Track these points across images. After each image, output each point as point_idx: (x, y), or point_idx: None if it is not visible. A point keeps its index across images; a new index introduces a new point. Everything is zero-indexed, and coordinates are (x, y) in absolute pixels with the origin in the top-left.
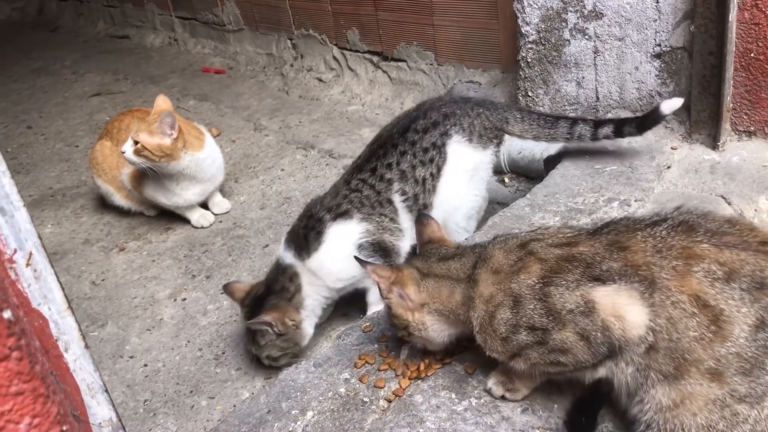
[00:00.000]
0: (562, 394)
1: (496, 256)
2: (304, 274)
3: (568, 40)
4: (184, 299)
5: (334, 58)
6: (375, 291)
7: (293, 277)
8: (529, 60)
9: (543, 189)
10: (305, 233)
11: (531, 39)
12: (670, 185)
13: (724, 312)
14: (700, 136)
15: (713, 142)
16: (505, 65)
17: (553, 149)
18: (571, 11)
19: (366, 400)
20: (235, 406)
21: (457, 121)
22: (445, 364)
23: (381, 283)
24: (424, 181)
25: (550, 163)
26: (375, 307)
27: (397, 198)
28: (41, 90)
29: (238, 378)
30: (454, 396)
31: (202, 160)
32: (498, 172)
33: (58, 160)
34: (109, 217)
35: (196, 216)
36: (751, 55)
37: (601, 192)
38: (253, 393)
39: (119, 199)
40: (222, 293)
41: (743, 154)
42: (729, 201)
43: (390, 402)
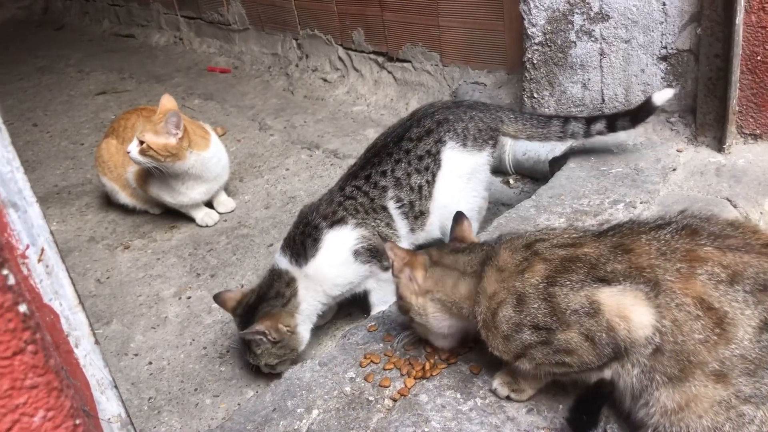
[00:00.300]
0: (567, 395)
1: (502, 255)
2: (301, 280)
3: (574, 42)
4: (189, 297)
5: (339, 59)
6: (378, 292)
7: (290, 282)
8: (534, 61)
9: (548, 190)
10: (302, 240)
11: (537, 41)
12: (675, 187)
13: (728, 314)
14: (706, 138)
15: (719, 145)
16: (510, 67)
17: (558, 150)
18: (577, 13)
19: (371, 399)
20: (239, 404)
21: (450, 127)
22: (451, 364)
23: (396, 261)
24: (420, 188)
25: (555, 165)
26: (379, 307)
27: (391, 205)
28: (47, 88)
29: (242, 376)
30: (459, 396)
31: (207, 159)
32: (503, 173)
33: (63, 157)
34: (114, 215)
35: (201, 215)
36: (758, 58)
37: (606, 194)
38: (257, 392)
39: (124, 198)
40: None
41: (749, 157)
42: (735, 204)
43: (395, 401)
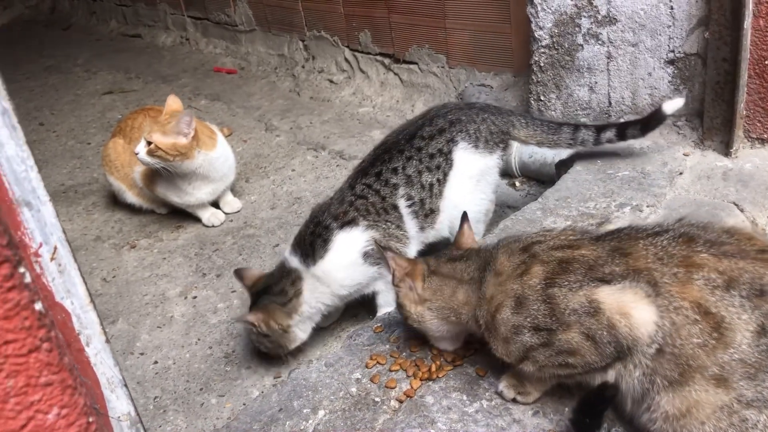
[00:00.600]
0: (573, 398)
1: (499, 259)
2: (307, 280)
3: (582, 45)
4: (195, 297)
5: (346, 60)
6: (385, 294)
7: (295, 281)
8: (541, 64)
9: (555, 193)
10: (311, 240)
11: (544, 43)
12: (682, 191)
13: (726, 319)
14: (713, 142)
15: (726, 149)
16: (517, 69)
17: (564, 153)
18: (584, 16)
19: (377, 400)
20: (245, 404)
21: (463, 127)
22: (457, 365)
23: (397, 271)
24: (431, 186)
25: (562, 167)
26: (385, 309)
27: (402, 203)
28: (53, 87)
29: (248, 376)
30: (465, 398)
31: (215, 159)
32: (509, 175)
33: (70, 157)
34: (120, 215)
35: (207, 215)
36: (766, 62)
37: (612, 197)
38: (262, 392)
39: (131, 197)
40: (233, 291)
41: (756, 162)
42: (741, 208)
43: (401, 402)
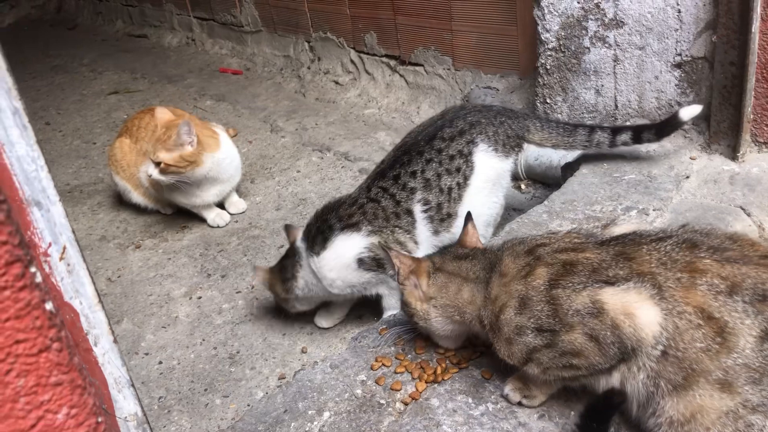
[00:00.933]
0: (579, 402)
1: (504, 261)
2: (304, 269)
3: (588, 48)
4: (200, 298)
5: (351, 62)
6: (389, 298)
7: (296, 265)
8: (548, 67)
9: (561, 196)
10: (315, 234)
11: (551, 46)
12: (688, 195)
13: (729, 324)
14: (720, 146)
15: (733, 153)
16: (523, 71)
17: (570, 156)
18: (591, 19)
19: (382, 402)
20: (249, 405)
21: (482, 129)
22: (462, 368)
23: (402, 268)
24: (450, 190)
25: (568, 170)
26: (390, 311)
27: (417, 208)
28: (59, 87)
29: (252, 377)
30: (470, 400)
31: (221, 160)
32: (514, 178)
33: (75, 156)
34: (125, 215)
35: (213, 215)
36: None
37: (619, 200)
38: (267, 393)
39: (137, 197)
40: (238, 292)
41: (763, 166)
42: (748, 212)
43: (406, 405)
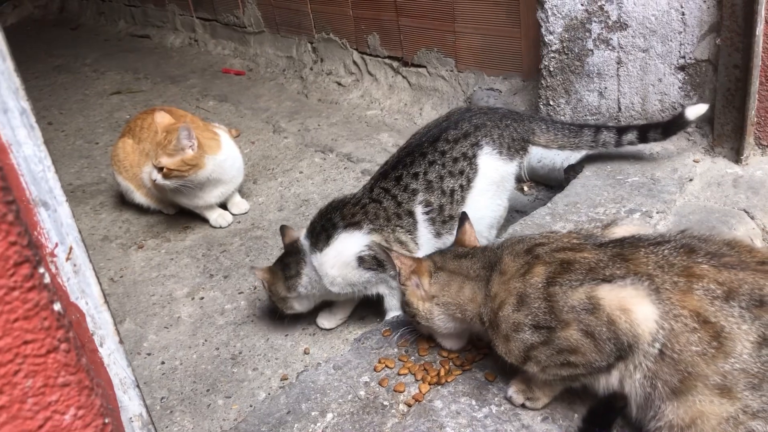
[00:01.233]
0: (582, 404)
1: (504, 260)
2: (307, 266)
3: (592, 50)
4: (202, 298)
5: (354, 63)
6: (391, 298)
7: (299, 262)
8: (551, 69)
9: (564, 198)
10: (319, 231)
11: (554, 48)
12: (692, 198)
13: (725, 329)
14: (723, 149)
15: (736, 156)
16: (526, 73)
17: (573, 158)
18: (595, 21)
19: (386, 403)
20: (251, 406)
21: (488, 132)
22: (466, 370)
23: (403, 269)
24: (452, 192)
25: (571, 172)
26: (393, 312)
27: (419, 209)
28: (62, 87)
29: (254, 378)
30: (474, 402)
31: (223, 161)
32: (517, 180)
33: (78, 156)
34: (128, 215)
35: (215, 216)
36: None
37: (622, 203)
38: (269, 393)
39: (139, 197)
40: (240, 293)
41: (766, 169)
42: (752, 215)
43: (410, 406)
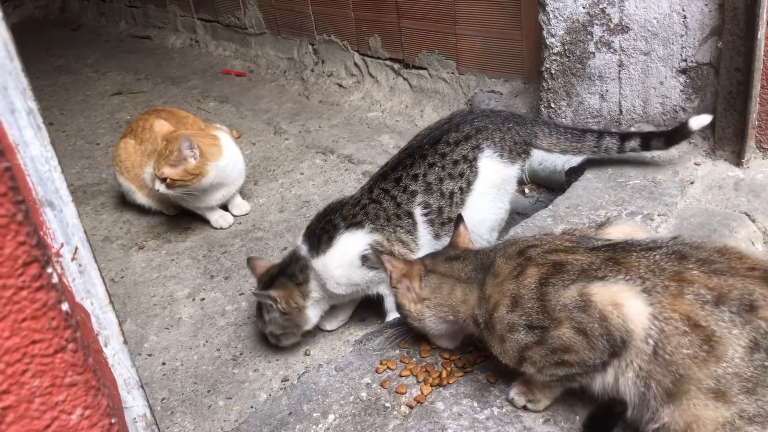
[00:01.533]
0: (584, 406)
1: (497, 262)
2: (312, 270)
3: (593, 53)
4: (203, 299)
5: (355, 65)
6: (390, 298)
7: (304, 269)
8: (552, 71)
9: (565, 201)
10: (320, 234)
11: (555, 51)
12: (693, 201)
13: (716, 333)
14: (724, 152)
15: (737, 159)
16: (527, 76)
17: (575, 161)
18: (597, 24)
19: (387, 405)
20: (252, 407)
21: (489, 135)
22: (467, 372)
23: (393, 272)
24: (452, 194)
25: (572, 175)
26: (393, 314)
27: (418, 211)
28: (63, 87)
29: (255, 379)
30: (476, 404)
31: (225, 166)
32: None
33: (79, 157)
34: (128, 216)
35: (216, 217)
36: None
37: (623, 205)
38: (270, 395)
39: (140, 198)
40: (241, 294)
41: None
42: (753, 218)
43: (411, 408)
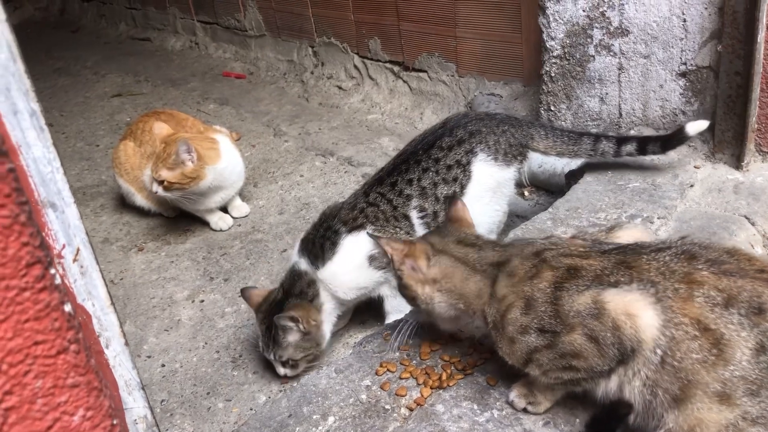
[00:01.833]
0: (584, 409)
1: (513, 261)
2: (319, 281)
3: (593, 56)
4: (202, 301)
5: (355, 67)
6: (392, 300)
7: (311, 284)
8: (552, 74)
9: (565, 203)
10: (321, 243)
11: (555, 54)
12: (693, 204)
13: (725, 336)
14: (724, 155)
15: (737, 162)
16: (526, 79)
17: (574, 164)
18: (596, 27)
19: (387, 407)
20: (252, 409)
21: (482, 138)
22: (467, 374)
23: (394, 254)
24: (446, 199)
25: (572, 178)
26: (393, 316)
27: (414, 214)
28: (62, 89)
29: (254, 381)
30: (476, 407)
31: (223, 169)
32: (518, 185)
33: (78, 158)
34: (128, 217)
35: (215, 219)
36: None
37: (623, 208)
38: (269, 397)
39: (140, 200)
40: (240, 296)
41: (767, 175)
42: (753, 222)
43: (411, 411)
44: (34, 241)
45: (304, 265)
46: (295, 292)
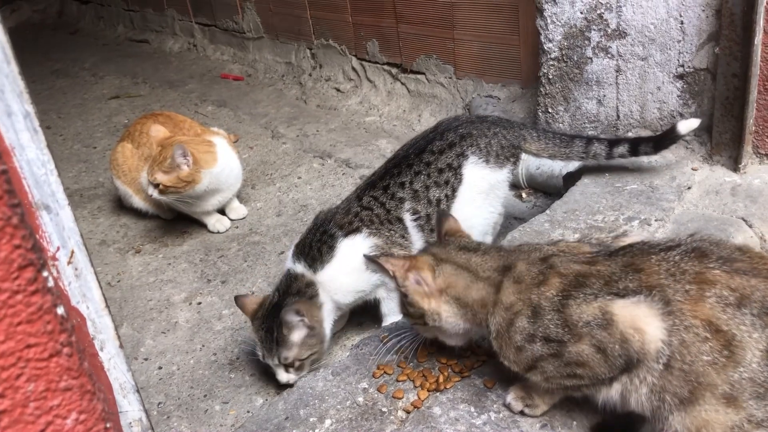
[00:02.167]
0: (581, 412)
1: (518, 267)
2: (318, 283)
3: (591, 58)
4: (200, 303)
5: (353, 69)
6: (388, 302)
7: (309, 284)
8: (550, 76)
9: (562, 205)
10: (318, 247)
11: (553, 56)
12: (690, 206)
13: (736, 337)
14: (721, 157)
15: (734, 164)
16: (524, 81)
17: (572, 166)
18: (594, 29)
19: (384, 410)
20: (249, 411)
21: (473, 141)
22: (464, 377)
23: (396, 271)
24: (439, 202)
25: (570, 180)
26: (390, 318)
27: (407, 217)
28: (60, 91)
29: (252, 384)
30: (473, 409)
31: (219, 173)
32: (515, 186)
33: (76, 160)
34: (125, 219)
35: (213, 221)
36: None
37: (621, 210)
38: (267, 399)
39: (138, 202)
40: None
41: (765, 177)
42: (750, 224)
43: (408, 413)
44: (26, 243)
45: (300, 268)
46: (292, 292)
